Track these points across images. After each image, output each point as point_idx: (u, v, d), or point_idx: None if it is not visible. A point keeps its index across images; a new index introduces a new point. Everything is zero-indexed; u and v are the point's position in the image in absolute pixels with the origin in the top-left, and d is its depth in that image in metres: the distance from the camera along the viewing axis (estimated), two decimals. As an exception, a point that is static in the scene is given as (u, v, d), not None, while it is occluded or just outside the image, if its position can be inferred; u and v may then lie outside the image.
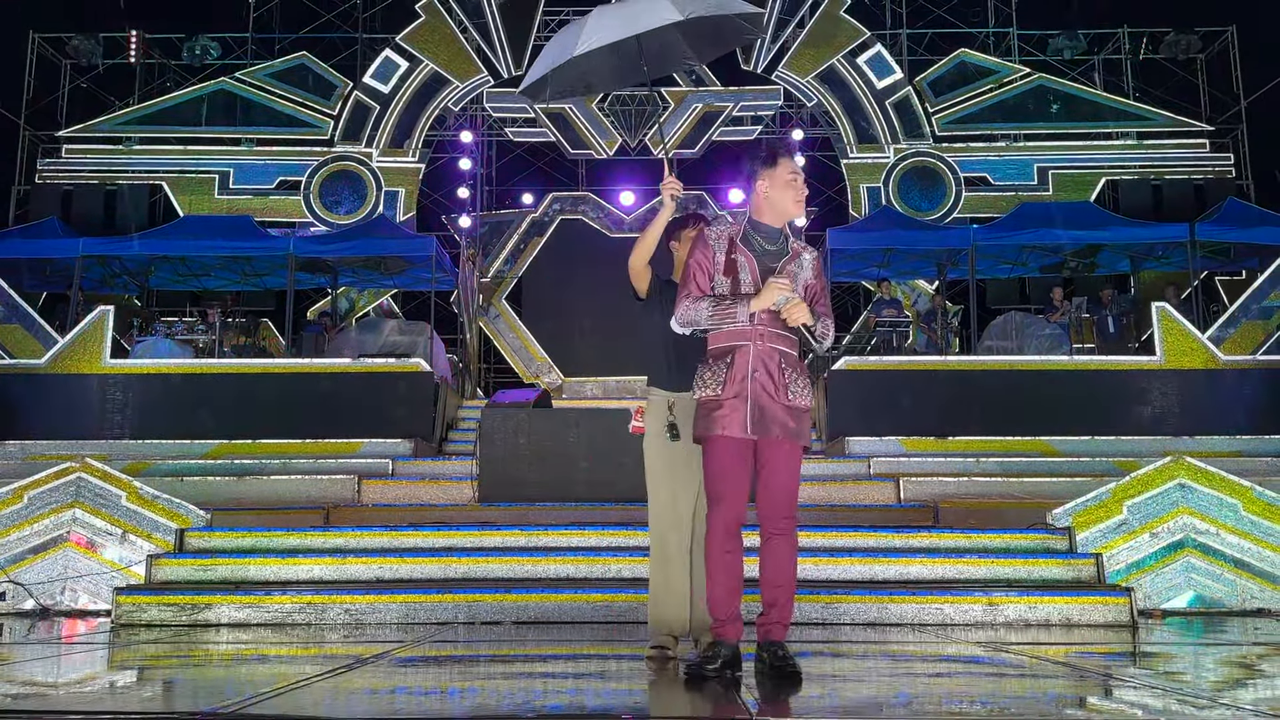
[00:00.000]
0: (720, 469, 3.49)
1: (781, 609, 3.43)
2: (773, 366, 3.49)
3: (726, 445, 3.47)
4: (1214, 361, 11.18)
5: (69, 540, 7.18)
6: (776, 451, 3.48)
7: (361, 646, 4.58)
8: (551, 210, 18.16)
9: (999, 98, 17.75)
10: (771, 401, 3.47)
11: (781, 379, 3.49)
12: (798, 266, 3.58)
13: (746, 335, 3.49)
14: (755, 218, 3.62)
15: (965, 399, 11.09)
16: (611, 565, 6.50)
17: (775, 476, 3.47)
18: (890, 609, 5.92)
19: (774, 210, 3.58)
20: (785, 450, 3.49)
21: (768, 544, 3.47)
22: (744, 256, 3.55)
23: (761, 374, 3.47)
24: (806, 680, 3.31)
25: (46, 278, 14.80)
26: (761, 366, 3.48)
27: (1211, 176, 17.35)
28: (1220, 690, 3.27)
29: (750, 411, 3.45)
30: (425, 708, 2.89)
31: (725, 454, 3.48)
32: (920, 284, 17.07)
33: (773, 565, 3.45)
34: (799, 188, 3.57)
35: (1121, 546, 6.89)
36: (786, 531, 3.46)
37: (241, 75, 17.86)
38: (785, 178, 3.56)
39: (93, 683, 3.59)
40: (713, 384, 3.52)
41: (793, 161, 3.61)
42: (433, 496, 9.38)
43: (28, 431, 10.99)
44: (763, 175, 3.58)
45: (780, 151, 3.61)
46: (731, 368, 3.49)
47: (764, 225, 3.60)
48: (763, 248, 3.58)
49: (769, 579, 3.45)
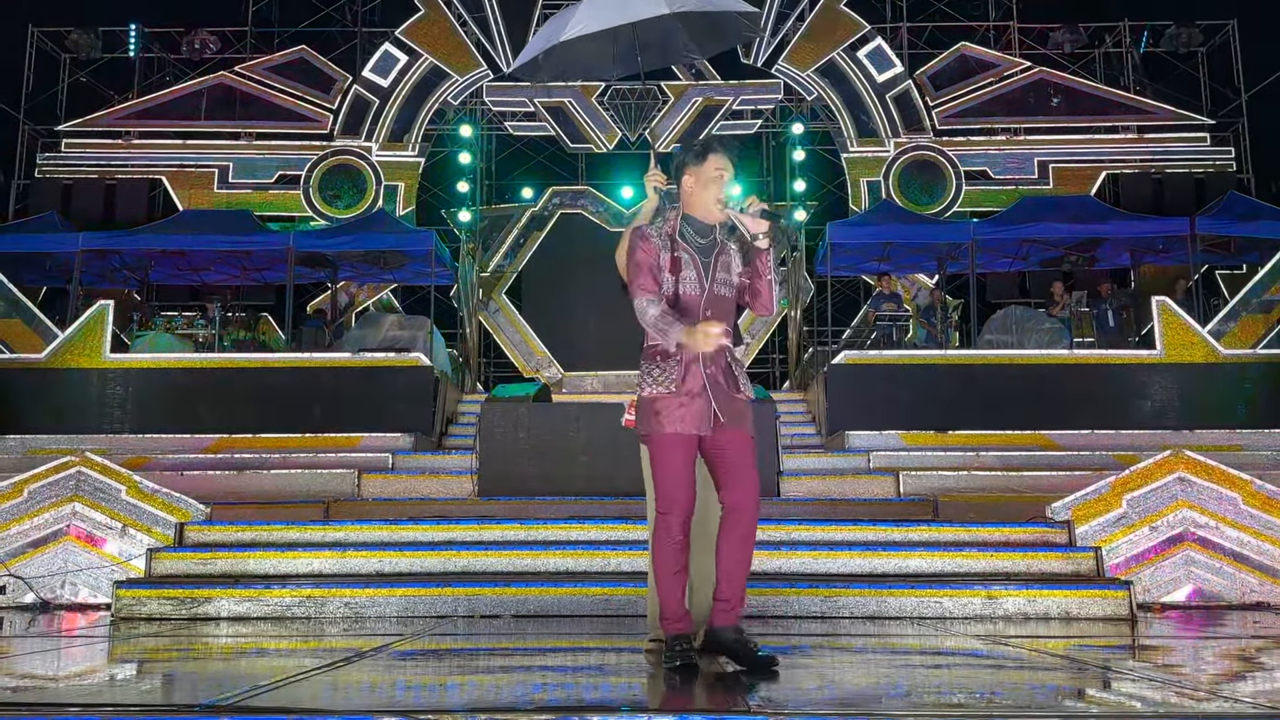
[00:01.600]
0: (673, 470, 3.49)
1: (735, 603, 3.48)
2: (722, 363, 3.55)
3: (676, 443, 3.49)
4: (1214, 355, 11.18)
5: (69, 534, 7.18)
6: (734, 441, 3.50)
7: (361, 640, 4.58)
8: (551, 204, 18.14)
9: (999, 91, 17.73)
10: (727, 397, 3.53)
11: (731, 374, 3.56)
12: (728, 258, 3.64)
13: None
14: (687, 212, 3.65)
15: (965, 393, 11.09)
16: (611, 559, 6.51)
17: (733, 469, 3.50)
18: (889, 602, 5.92)
19: (700, 206, 3.61)
20: (738, 438, 3.52)
21: (730, 534, 3.47)
22: (685, 253, 3.58)
23: (714, 370, 3.52)
24: (805, 673, 3.31)
25: (46, 272, 14.80)
26: (712, 363, 3.53)
27: (1212, 170, 17.33)
28: (1219, 683, 3.27)
29: (707, 407, 3.49)
30: (424, 700, 2.89)
31: (676, 452, 3.49)
32: (920, 278, 17.06)
33: (734, 556, 3.47)
34: (721, 185, 3.57)
35: (1121, 540, 6.89)
36: (749, 525, 3.48)
37: (241, 69, 17.84)
38: (710, 174, 3.58)
39: (92, 676, 3.59)
40: (664, 381, 3.52)
41: (722, 159, 3.59)
42: (432, 490, 9.38)
43: (28, 426, 10.99)
44: (689, 170, 3.63)
45: (713, 148, 3.62)
46: (682, 365, 3.51)
47: (695, 219, 3.63)
48: (696, 242, 3.61)
49: (730, 571, 3.46)
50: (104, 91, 18.24)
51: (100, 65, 18.31)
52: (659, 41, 4.52)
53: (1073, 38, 18.20)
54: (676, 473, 3.49)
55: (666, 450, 3.51)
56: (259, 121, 17.70)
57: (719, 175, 3.58)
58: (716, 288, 3.57)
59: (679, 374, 3.50)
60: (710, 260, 3.59)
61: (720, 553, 3.48)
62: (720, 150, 3.62)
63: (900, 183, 17.50)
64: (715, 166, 3.58)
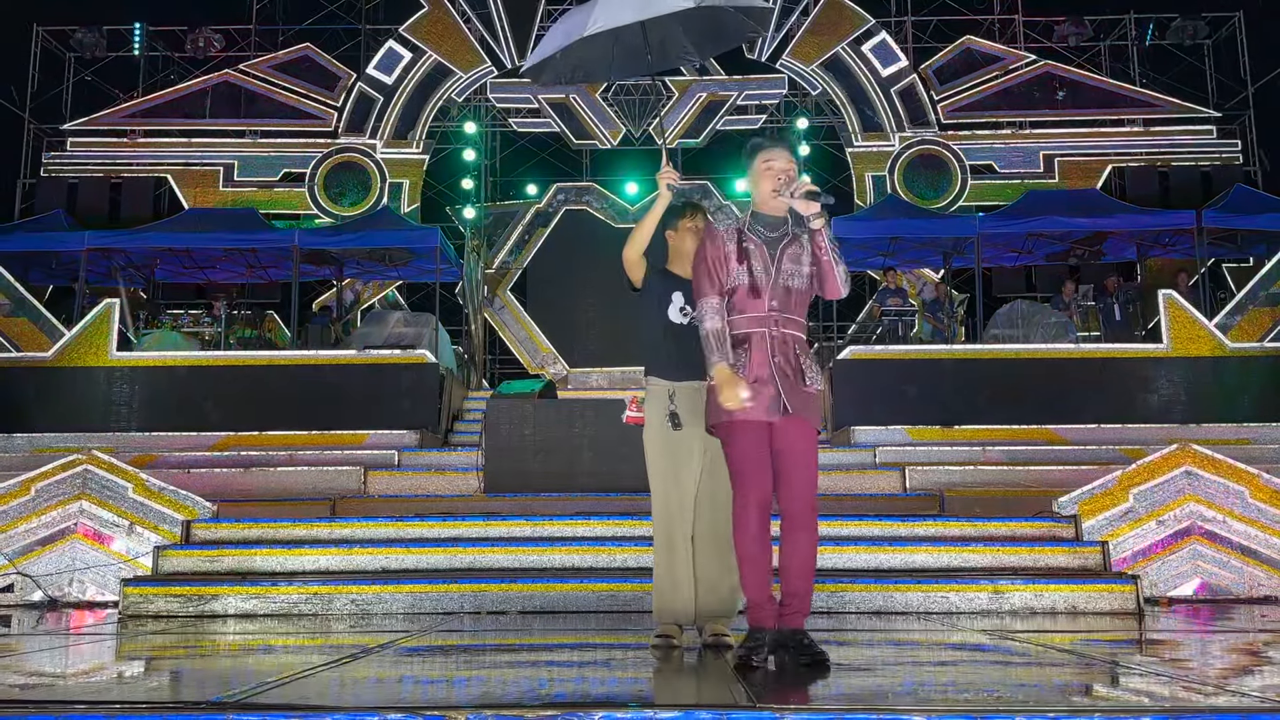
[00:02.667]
0: (743, 452, 3.52)
1: (803, 599, 3.46)
2: (788, 352, 3.56)
3: (747, 429, 3.51)
4: (1221, 349, 11.14)
5: (76, 532, 7.20)
6: (794, 435, 3.51)
7: (368, 636, 4.59)
8: (556, 201, 18.15)
9: (1005, 85, 17.69)
10: (793, 386, 3.53)
11: (798, 365, 3.56)
12: (799, 248, 3.64)
13: (761, 325, 3.55)
14: (755, 209, 3.75)
15: (971, 388, 11.07)
16: (616, 555, 6.51)
17: (795, 466, 3.50)
18: (896, 597, 5.91)
19: (762, 201, 3.70)
20: (803, 433, 3.53)
21: (791, 535, 3.49)
22: (752, 244, 3.63)
23: (780, 359, 3.54)
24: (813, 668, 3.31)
25: (52, 271, 14.84)
26: (779, 352, 3.54)
27: (1219, 163, 17.27)
28: (1227, 678, 3.26)
29: (775, 395, 3.50)
30: (431, 696, 2.89)
31: (746, 437, 3.51)
32: (926, 273, 17.03)
33: (796, 556, 3.47)
34: (772, 178, 3.64)
35: (1128, 534, 6.88)
36: (809, 523, 3.50)
37: (245, 67, 17.86)
38: (759, 169, 3.68)
39: (100, 673, 3.60)
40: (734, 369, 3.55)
41: (770, 153, 3.68)
42: (438, 487, 9.39)
43: (34, 424, 11.02)
44: (748, 171, 3.76)
45: (761, 145, 3.74)
46: (750, 353, 3.54)
47: (762, 215, 3.70)
48: (766, 235, 3.66)
49: (793, 570, 3.47)
50: (109, 90, 18.28)
51: (105, 64, 18.35)
52: (662, 42, 4.49)
53: (1078, 31, 18.16)
54: (745, 453, 3.51)
55: (738, 435, 3.53)
56: (264, 119, 17.73)
57: (767, 168, 3.65)
58: (783, 278, 3.59)
59: (743, 361, 3.54)
60: (777, 252, 3.62)
61: (781, 551, 3.50)
62: (767, 145, 3.72)
63: (905, 177, 17.47)
64: (762, 161, 3.67)
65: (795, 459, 3.51)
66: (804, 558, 3.48)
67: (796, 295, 3.62)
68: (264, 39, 18.55)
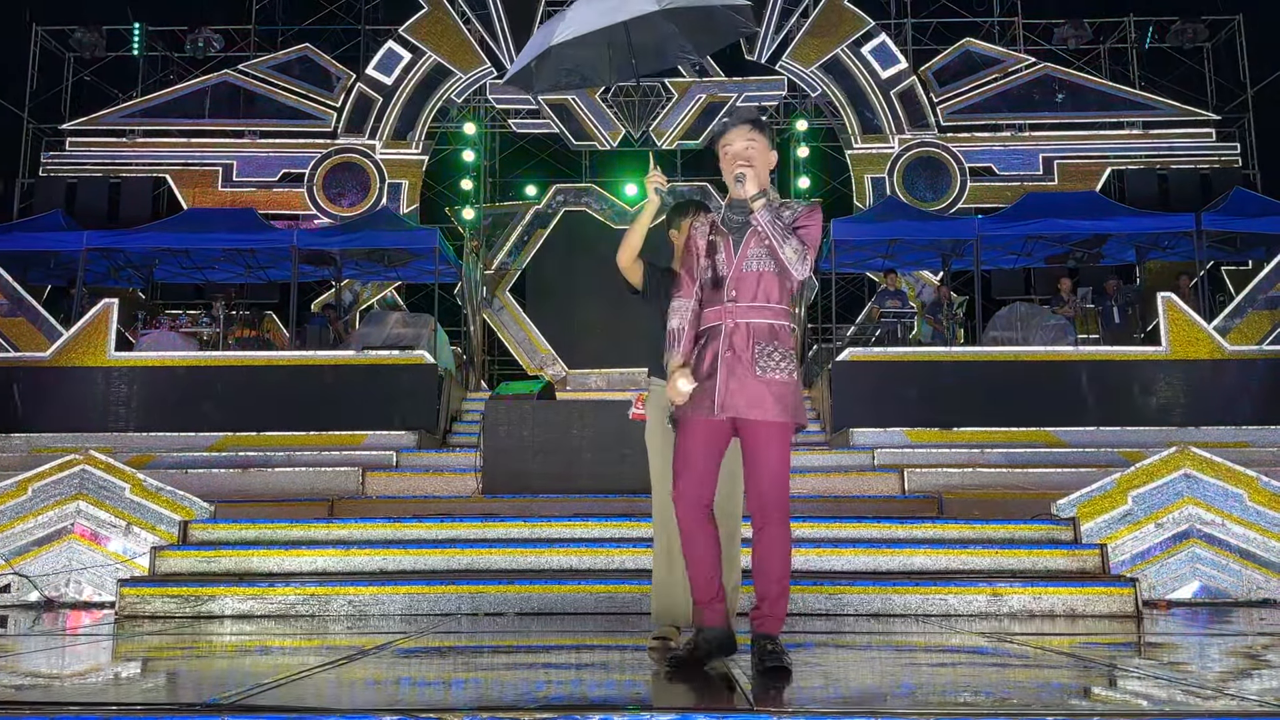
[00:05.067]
0: (681, 447, 3.46)
1: (773, 603, 3.34)
2: (740, 343, 3.42)
3: (691, 425, 3.45)
4: (1220, 352, 11.14)
5: (73, 532, 7.19)
6: (756, 434, 3.40)
7: (365, 638, 4.58)
8: (555, 202, 18.14)
9: (1004, 87, 17.69)
10: (741, 379, 3.39)
11: (750, 354, 3.41)
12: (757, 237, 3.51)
13: (721, 316, 3.47)
14: (729, 197, 3.65)
15: (970, 390, 11.07)
16: (615, 557, 6.50)
17: (758, 464, 3.39)
18: (894, 600, 5.90)
19: (730, 188, 3.60)
20: (764, 431, 3.38)
21: (757, 535, 3.41)
22: (720, 237, 3.56)
23: (730, 353, 3.42)
24: (809, 671, 3.30)
25: (51, 271, 14.82)
26: (730, 346, 3.43)
27: (1218, 166, 17.27)
28: (1226, 681, 3.25)
29: (718, 392, 3.39)
30: (428, 698, 2.88)
31: (691, 434, 3.45)
32: (925, 275, 17.03)
33: (761, 556, 3.37)
34: (731, 162, 3.54)
35: (1126, 537, 6.88)
36: (776, 522, 3.36)
37: (244, 67, 17.85)
38: (721, 156, 3.61)
39: (97, 674, 3.59)
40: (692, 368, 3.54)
41: (727, 135, 3.59)
42: (436, 488, 9.39)
43: (32, 424, 11.02)
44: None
45: (719, 130, 3.69)
46: (703, 350, 3.49)
47: (734, 202, 3.59)
48: (734, 223, 3.57)
49: (758, 570, 3.39)
50: (108, 90, 18.27)
51: (104, 64, 18.34)
52: (655, 43, 4.48)
53: (1077, 33, 18.16)
54: (685, 450, 3.44)
55: (682, 432, 3.49)
56: (263, 120, 17.72)
57: (724, 153, 3.57)
58: (746, 264, 3.47)
59: (698, 356, 3.50)
60: (743, 239, 3.51)
61: (751, 553, 3.43)
62: (725, 129, 3.62)
63: (905, 179, 17.47)
64: (721, 147, 3.59)
65: (755, 456, 3.39)
66: (770, 559, 3.35)
67: (765, 281, 3.46)
68: (263, 39, 18.55)
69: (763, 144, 3.56)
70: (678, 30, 4.46)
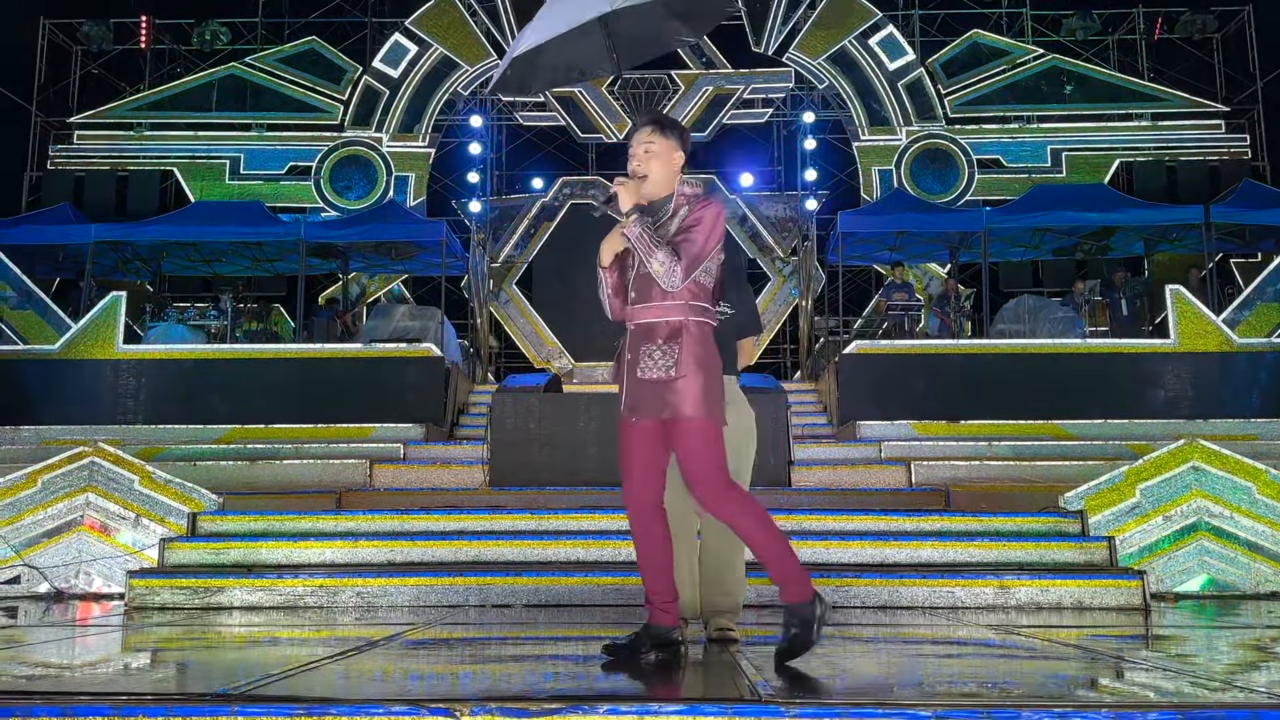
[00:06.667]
0: (620, 450, 3.48)
1: (773, 572, 3.32)
2: (633, 344, 3.43)
3: (622, 428, 3.47)
4: (1228, 344, 11.10)
5: (82, 524, 7.22)
6: (668, 431, 3.40)
7: (373, 629, 4.60)
8: (562, 195, 18.11)
9: (1012, 79, 17.62)
10: (631, 381, 3.41)
11: (635, 356, 3.40)
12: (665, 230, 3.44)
13: (629, 318, 3.47)
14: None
15: (977, 382, 11.05)
16: (622, 549, 6.50)
17: (677, 459, 3.42)
18: (901, 592, 5.91)
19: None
20: (667, 428, 3.37)
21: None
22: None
23: (629, 355, 3.43)
24: (817, 662, 3.30)
25: (59, 264, 14.87)
26: (627, 347, 3.45)
27: (1227, 157, 17.19)
28: (1234, 673, 3.25)
29: (623, 394, 3.44)
30: (436, 689, 2.89)
31: (623, 436, 3.46)
32: (932, 267, 16.99)
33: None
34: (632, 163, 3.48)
35: (1134, 530, 6.86)
36: (713, 509, 3.38)
37: (251, 60, 17.87)
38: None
39: (106, 664, 3.61)
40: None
41: (631, 139, 3.52)
42: (444, 480, 9.41)
43: (41, 417, 11.06)
44: None
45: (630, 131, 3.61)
46: (620, 354, 3.52)
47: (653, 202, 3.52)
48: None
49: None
50: (115, 83, 18.30)
51: (111, 57, 18.38)
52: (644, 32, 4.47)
53: (1086, 24, 18.08)
54: (623, 451, 3.45)
55: (619, 433, 3.49)
56: (270, 113, 17.74)
57: (630, 157, 3.51)
58: (643, 266, 3.40)
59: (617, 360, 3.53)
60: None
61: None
62: (632, 130, 3.56)
63: (912, 171, 17.41)
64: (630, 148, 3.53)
65: (679, 456, 3.40)
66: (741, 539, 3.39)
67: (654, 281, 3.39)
68: (270, 32, 18.55)
69: (663, 145, 3.47)
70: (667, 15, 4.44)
